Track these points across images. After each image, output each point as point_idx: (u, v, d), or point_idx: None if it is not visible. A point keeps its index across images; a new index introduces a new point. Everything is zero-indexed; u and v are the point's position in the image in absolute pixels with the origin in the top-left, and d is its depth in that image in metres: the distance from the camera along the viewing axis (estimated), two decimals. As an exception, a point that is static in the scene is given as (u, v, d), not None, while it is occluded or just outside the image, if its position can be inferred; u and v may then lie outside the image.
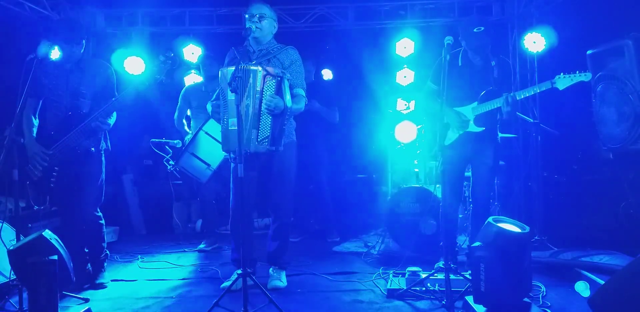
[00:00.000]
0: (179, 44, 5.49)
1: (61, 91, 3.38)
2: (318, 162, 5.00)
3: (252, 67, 3.01)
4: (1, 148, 2.92)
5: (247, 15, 3.27)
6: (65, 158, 3.29)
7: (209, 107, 3.39)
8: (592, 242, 3.83)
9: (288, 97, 3.11)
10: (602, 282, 2.80)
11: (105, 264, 3.64)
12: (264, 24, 3.24)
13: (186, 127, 4.74)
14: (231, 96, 2.99)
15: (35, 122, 3.41)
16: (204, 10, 5.52)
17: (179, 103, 4.74)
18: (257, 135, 3.05)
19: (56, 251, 2.63)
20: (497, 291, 2.55)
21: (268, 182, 3.38)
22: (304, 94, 3.35)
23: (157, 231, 5.77)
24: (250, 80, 3.00)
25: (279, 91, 3.05)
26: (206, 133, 4.00)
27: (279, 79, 3.05)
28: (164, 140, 4.48)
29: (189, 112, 4.71)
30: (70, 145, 3.28)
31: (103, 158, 3.52)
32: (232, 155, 3.19)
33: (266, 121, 3.06)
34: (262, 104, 3.01)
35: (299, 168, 4.92)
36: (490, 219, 2.70)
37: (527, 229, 2.67)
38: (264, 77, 3.01)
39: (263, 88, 3.03)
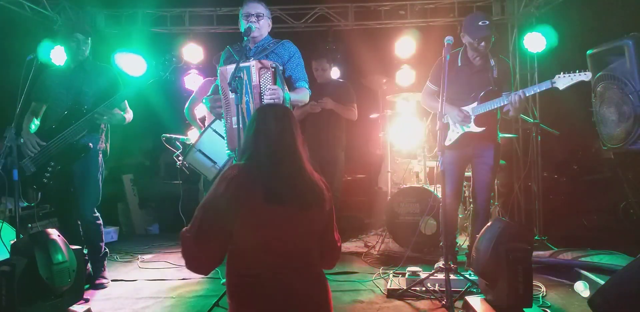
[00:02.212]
0: (179, 44, 5.50)
1: (64, 89, 3.39)
2: (334, 162, 5.00)
3: (245, 64, 2.98)
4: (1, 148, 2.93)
5: (242, 14, 3.25)
6: (62, 153, 3.29)
7: (206, 103, 3.38)
8: (592, 242, 3.83)
9: (285, 86, 3.11)
10: (602, 282, 2.80)
11: (105, 263, 3.65)
12: (261, 24, 3.24)
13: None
14: (232, 95, 2.99)
15: (37, 121, 3.43)
16: (204, 10, 5.53)
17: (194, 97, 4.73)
18: None
19: (33, 255, 2.54)
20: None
21: None
22: (307, 86, 3.34)
23: (158, 230, 5.79)
24: (245, 76, 2.99)
25: (275, 82, 3.03)
26: (214, 131, 3.99)
27: (274, 69, 3.04)
28: (174, 136, 4.48)
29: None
30: (69, 139, 3.29)
31: (100, 158, 3.52)
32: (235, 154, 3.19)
33: None
34: (263, 97, 3.00)
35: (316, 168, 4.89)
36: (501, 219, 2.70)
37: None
38: (259, 70, 3.00)
39: (260, 81, 3.01)
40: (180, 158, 4.23)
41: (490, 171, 3.54)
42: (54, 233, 2.71)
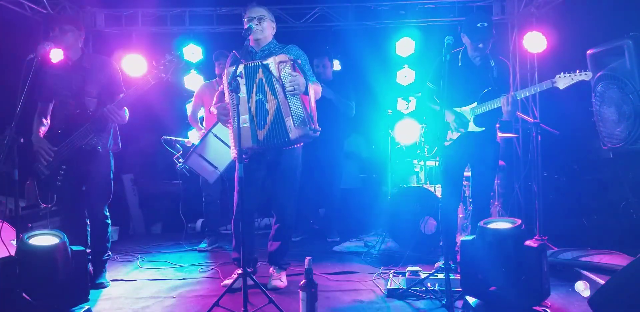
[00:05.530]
0: (179, 44, 5.50)
1: (66, 91, 3.39)
2: (333, 162, 4.98)
3: (264, 62, 3.04)
4: (1, 148, 2.92)
5: (245, 19, 3.30)
6: (72, 156, 3.31)
7: (213, 109, 3.39)
8: (592, 242, 3.83)
9: (304, 75, 3.12)
10: (602, 282, 2.80)
11: (107, 264, 3.64)
12: (264, 25, 3.27)
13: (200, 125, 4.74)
14: (242, 94, 3.02)
15: (47, 121, 3.45)
16: (204, 10, 5.52)
17: (192, 101, 4.73)
18: (293, 121, 3.03)
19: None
20: None
21: (273, 182, 3.38)
22: (316, 81, 3.35)
23: (158, 230, 5.79)
24: (262, 75, 3.04)
25: (294, 70, 3.07)
26: (215, 136, 3.98)
27: (292, 62, 3.07)
28: (174, 138, 4.48)
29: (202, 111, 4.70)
30: (78, 143, 3.30)
31: (111, 157, 3.53)
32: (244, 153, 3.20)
33: (296, 104, 3.04)
34: (285, 88, 3.01)
35: (315, 167, 4.88)
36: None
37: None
38: (277, 65, 3.03)
39: (280, 75, 3.03)
40: (180, 160, 4.23)
41: (490, 170, 3.55)
42: (53, 240, 2.65)
